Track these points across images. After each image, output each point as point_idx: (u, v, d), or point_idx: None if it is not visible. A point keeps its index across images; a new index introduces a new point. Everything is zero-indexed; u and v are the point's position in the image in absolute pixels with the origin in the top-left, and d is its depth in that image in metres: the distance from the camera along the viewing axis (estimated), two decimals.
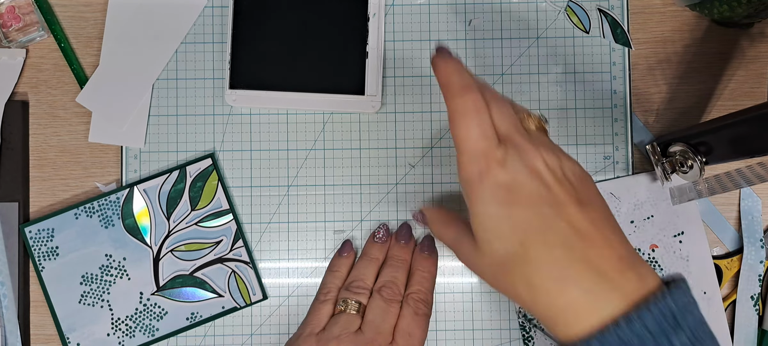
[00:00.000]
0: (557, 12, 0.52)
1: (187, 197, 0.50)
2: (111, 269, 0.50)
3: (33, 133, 0.51)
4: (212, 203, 0.50)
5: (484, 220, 0.37)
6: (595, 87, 0.52)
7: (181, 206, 0.50)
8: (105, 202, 0.50)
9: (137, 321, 0.50)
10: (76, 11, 0.52)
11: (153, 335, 0.50)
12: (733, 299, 0.51)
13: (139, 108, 0.51)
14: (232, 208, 0.50)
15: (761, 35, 0.52)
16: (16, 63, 0.51)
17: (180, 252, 0.50)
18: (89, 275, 0.50)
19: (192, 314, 0.50)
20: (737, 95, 0.52)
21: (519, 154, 0.37)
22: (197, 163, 0.50)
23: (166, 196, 0.50)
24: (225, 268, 0.50)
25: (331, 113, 0.51)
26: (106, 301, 0.50)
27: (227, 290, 0.50)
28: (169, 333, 0.50)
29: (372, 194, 0.51)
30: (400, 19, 0.52)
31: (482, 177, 0.36)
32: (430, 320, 0.47)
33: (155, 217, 0.50)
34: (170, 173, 0.50)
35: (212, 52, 0.52)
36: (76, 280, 0.50)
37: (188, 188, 0.50)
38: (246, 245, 0.50)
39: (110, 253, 0.50)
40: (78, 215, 0.50)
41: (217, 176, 0.50)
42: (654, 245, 0.51)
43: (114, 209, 0.50)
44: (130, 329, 0.50)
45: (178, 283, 0.50)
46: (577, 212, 0.36)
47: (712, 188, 0.47)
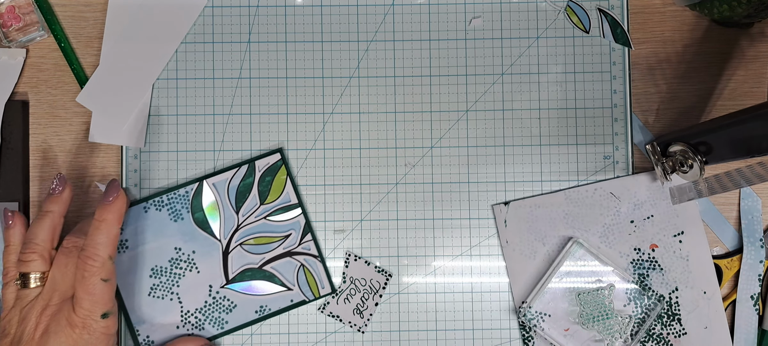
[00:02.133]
0: (557, 12, 0.52)
1: (256, 192, 0.50)
2: (180, 262, 0.50)
3: (33, 133, 0.51)
4: (281, 197, 0.50)
5: None
6: (595, 87, 0.52)
7: (250, 200, 0.50)
8: (174, 196, 0.50)
9: (206, 314, 0.50)
10: (76, 11, 0.52)
11: (222, 327, 0.50)
12: (733, 299, 0.51)
13: (139, 108, 0.51)
14: (300, 202, 0.50)
15: (761, 35, 0.52)
16: (16, 63, 0.51)
17: (249, 246, 0.50)
18: (159, 267, 0.50)
19: (261, 307, 0.50)
20: (737, 95, 0.52)
21: None
22: (266, 158, 0.50)
23: (235, 190, 0.50)
24: (294, 261, 0.50)
25: (332, 113, 0.51)
26: (176, 294, 0.50)
27: (296, 284, 0.50)
28: (238, 326, 0.50)
29: (372, 193, 0.51)
30: (400, 19, 0.52)
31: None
32: (110, 270, 0.44)
33: (224, 211, 0.50)
34: (239, 167, 0.50)
35: (212, 52, 0.52)
36: (146, 273, 0.50)
37: (257, 182, 0.50)
38: (314, 239, 0.50)
39: (179, 246, 0.50)
40: (147, 209, 0.50)
41: (286, 171, 0.50)
42: (654, 245, 0.51)
43: (183, 203, 0.50)
44: (200, 322, 0.50)
45: (248, 276, 0.50)
46: None
47: (712, 187, 0.47)
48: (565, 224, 0.51)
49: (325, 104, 0.51)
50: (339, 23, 0.52)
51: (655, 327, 0.50)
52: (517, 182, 0.51)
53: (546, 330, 0.50)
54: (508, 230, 0.51)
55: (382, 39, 0.52)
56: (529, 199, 0.51)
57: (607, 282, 0.50)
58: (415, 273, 0.51)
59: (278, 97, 0.51)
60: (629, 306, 0.50)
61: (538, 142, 0.51)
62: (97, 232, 0.44)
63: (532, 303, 0.50)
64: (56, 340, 0.42)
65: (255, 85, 0.51)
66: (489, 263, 0.51)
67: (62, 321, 0.43)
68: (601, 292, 0.50)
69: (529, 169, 0.51)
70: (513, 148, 0.51)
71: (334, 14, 0.52)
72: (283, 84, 0.51)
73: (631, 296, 0.50)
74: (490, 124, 0.51)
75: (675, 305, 0.50)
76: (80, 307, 0.43)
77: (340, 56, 0.52)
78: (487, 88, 0.51)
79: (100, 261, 0.43)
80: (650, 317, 0.50)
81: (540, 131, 0.51)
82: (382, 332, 0.51)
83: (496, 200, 0.51)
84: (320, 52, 0.52)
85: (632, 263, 0.51)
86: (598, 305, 0.50)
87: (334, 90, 0.51)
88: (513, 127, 0.51)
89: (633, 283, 0.50)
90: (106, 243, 0.44)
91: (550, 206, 0.51)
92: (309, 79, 0.51)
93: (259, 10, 0.52)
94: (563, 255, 0.50)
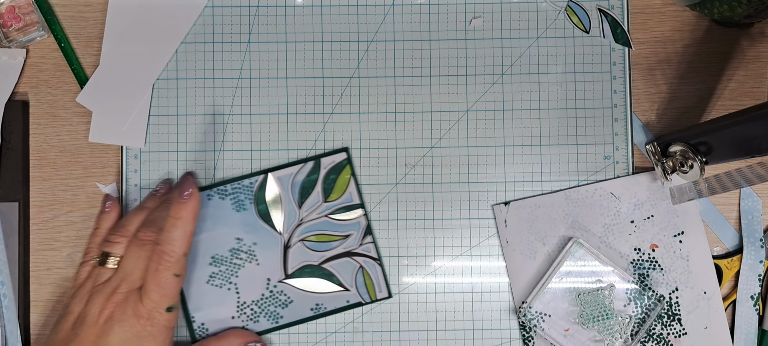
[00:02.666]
0: (557, 12, 0.52)
1: (319, 188, 0.50)
2: (241, 252, 0.50)
3: (33, 133, 0.51)
4: (343, 196, 0.50)
5: None
6: (595, 87, 0.52)
7: (313, 196, 0.50)
8: (239, 186, 0.50)
9: (263, 307, 0.50)
10: (76, 11, 0.52)
11: (277, 322, 0.50)
12: (733, 299, 0.51)
13: (139, 108, 0.51)
14: (362, 203, 0.50)
15: (761, 35, 0.52)
16: (16, 63, 0.51)
17: (310, 242, 0.50)
18: (219, 256, 0.50)
19: (316, 305, 0.50)
20: (737, 95, 0.52)
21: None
22: (332, 156, 0.50)
23: (299, 185, 0.50)
24: (353, 262, 0.50)
25: (332, 113, 0.51)
26: (234, 284, 0.50)
27: (354, 285, 0.50)
28: (293, 322, 0.50)
29: (372, 193, 0.51)
30: (401, 19, 0.52)
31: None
32: (183, 266, 0.45)
33: (287, 205, 0.50)
34: (305, 163, 0.50)
35: (212, 52, 0.52)
36: (206, 260, 0.50)
37: (321, 179, 0.50)
38: (374, 242, 0.50)
39: (241, 237, 0.50)
40: (211, 196, 0.50)
41: (350, 170, 0.50)
42: (654, 245, 0.51)
43: (247, 194, 0.50)
44: (255, 314, 0.50)
45: (306, 273, 0.50)
46: None
47: (712, 187, 0.47)
48: (565, 224, 0.51)
49: (325, 104, 0.51)
50: (339, 23, 0.52)
51: (655, 327, 0.50)
52: (517, 182, 0.51)
53: (546, 330, 0.50)
54: (508, 230, 0.51)
55: (382, 39, 0.52)
56: (529, 199, 0.51)
57: (607, 282, 0.50)
58: (415, 273, 0.51)
59: (278, 97, 0.51)
60: (629, 306, 0.50)
61: (538, 142, 0.51)
62: (174, 229, 0.44)
63: (532, 303, 0.50)
64: (120, 328, 0.43)
65: (255, 85, 0.51)
66: (489, 263, 0.51)
67: (128, 310, 0.43)
68: (601, 292, 0.50)
69: (529, 169, 0.51)
70: (513, 148, 0.51)
71: (334, 14, 0.52)
72: (283, 84, 0.51)
73: (631, 296, 0.50)
74: (490, 124, 0.51)
75: (675, 305, 0.50)
76: (148, 298, 0.43)
77: (340, 56, 0.52)
78: (487, 88, 0.51)
79: (176, 257, 0.44)
80: (650, 317, 0.50)
81: (540, 131, 0.51)
82: (382, 332, 0.51)
83: (496, 200, 0.51)
84: (320, 52, 0.52)
85: (632, 263, 0.51)
86: (598, 305, 0.50)
87: (334, 90, 0.51)
88: (513, 127, 0.51)
89: (633, 283, 0.50)
90: (182, 240, 0.44)
91: (550, 206, 0.51)
92: (309, 79, 0.51)
93: (259, 10, 0.52)
94: (563, 255, 0.50)
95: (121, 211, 0.49)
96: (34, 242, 0.51)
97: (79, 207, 0.51)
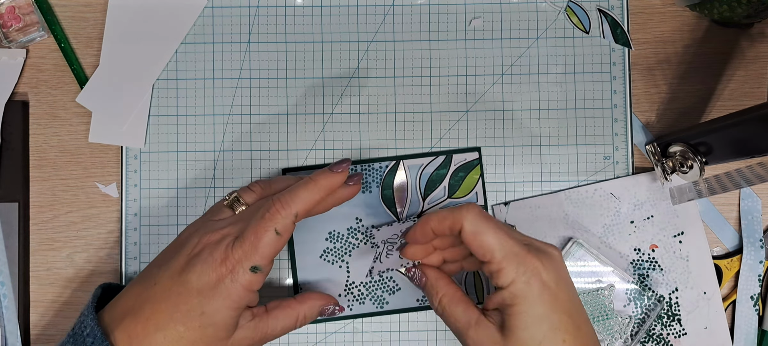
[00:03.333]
0: (557, 12, 0.52)
1: (446, 183, 0.50)
2: (358, 232, 0.50)
3: (33, 133, 0.51)
4: (469, 195, 0.50)
5: (529, 322, 0.39)
6: (595, 87, 0.52)
7: (439, 190, 0.50)
8: (368, 168, 0.50)
9: (370, 289, 0.50)
10: (76, 11, 0.52)
11: (381, 306, 0.50)
12: (733, 299, 0.51)
13: (139, 108, 0.51)
14: (486, 205, 0.50)
15: (761, 35, 0.52)
16: (16, 63, 0.51)
17: None
18: (336, 233, 0.50)
19: (423, 297, 0.50)
20: (737, 95, 0.52)
21: (547, 254, 0.40)
22: (464, 154, 0.51)
23: (427, 177, 0.50)
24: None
25: (332, 113, 0.51)
26: (346, 262, 0.50)
27: (463, 283, 0.50)
28: (397, 309, 0.50)
29: None
30: (401, 19, 0.52)
31: (529, 279, 0.39)
32: (288, 228, 0.41)
33: (412, 194, 0.50)
34: (436, 156, 0.51)
35: (212, 52, 0.52)
36: (323, 235, 0.50)
37: (450, 174, 0.50)
38: None
39: (361, 217, 0.50)
40: None
41: (480, 171, 0.50)
42: (654, 245, 0.51)
43: (375, 177, 0.50)
44: (362, 296, 0.50)
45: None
46: (586, 316, 0.41)
47: (712, 188, 0.47)
48: (565, 224, 0.51)
49: (325, 104, 0.51)
50: (339, 23, 0.52)
51: (655, 327, 0.50)
52: (517, 182, 0.51)
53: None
54: None
55: (382, 39, 0.52)
56: (529, 199, 0.51)
57: (607, 282, 0.50)
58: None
59: (278, 98, 0.51)
60: (629, 306, 0.50)
61: (538, 142, 0.51)
62: (304, 187, 0.42)
63: None
64: (202, 268, 0.40)
65: (255, 85, 0.51)
66: None
67: (217, 253, 0.40)
68: (601, 292, 0.50)
69: (529, 170, 0.51)
70: (513, 148, 0.51)
71: (334, 14, 0.52)
72: (283, 84, 0.51)
73: (631, 297, 0.50)
74: (490, 124, 0.51)
75: (675, 306, 0.50)
76: (240, 245, 0.40)
77: (340, 56, 0.52)
78: (487, 88, 0.51)
79: (287, 211, 0.40)
80: (650, 318, 0.50)
81: (540, 131, 0.51)
82: (382, 332, 0.51)
83: (496, 200, 0.51)
84: (320, 52, 0.52)
85: (632, 263, 0.51)
86: (598, 305, 0.50)
87: (334, 90, 0.51)
88: (513, 128, 0.51)
89: (633, 283, 0.50)
90: (304, 201, 0.41)
91: (550, 206, 0.51)
92: (309, 79, 0.51)
93: (259, 10, 0.52)
94: (563, 255, 0.50)
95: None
96: (34, 242, 0.51)
97: (79, 207, 0.51)
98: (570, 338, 0.39)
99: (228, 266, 0.40)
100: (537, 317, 0.38)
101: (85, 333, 0.40)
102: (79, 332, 0.40)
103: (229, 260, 0.40)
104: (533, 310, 0.38)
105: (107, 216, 0.51)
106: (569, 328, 0.39)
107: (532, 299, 0.39)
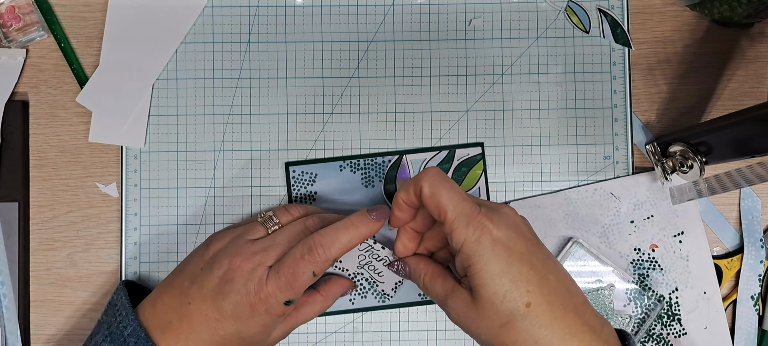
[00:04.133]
0: (557, 12, 0.52)
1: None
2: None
3: (33, 133, 0.51)
4: (472, 190, 0.50)
5: (488, 280, 0.38)
6: (595, 87, 0.52)
7: None
8: (372, 162, 0.50)
9: (373, 284, 0.50)
10: (76, 11, 0.52)
11: (383, 301, 0.50)
12: (733, 299, 0.51)
13: (139, 108, 0.51)
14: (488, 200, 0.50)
15: (761, 35, 0.52)
16: (16, 63, 0.51)
17: None
18: None
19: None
20: (737, 95, 0.52)
21: (499, 212, 0.40)
22: (467, 149, 0.51)
23: None
24: None
25: (332, 113, 0.51)
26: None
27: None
28: (398, 304, 0.50)
29: None
30: (401, 19, 0.52)
31: (479, 237, 0.38)
32: (325, 269, 0.42)
33: None
34: (439, 151, 0.51)
35: (212, 52, 0.52)
36: None
37: (453, 170, 0.50)
38: None
39: None
40: (343, 168, 0.50)
41: (483, 166, 0.50)
42: (654, 245, 0.51)
43: (378, 171, 0.50)
44: (364, 290, 0.50)
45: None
46: (556, 266, 0.40)
47: (712, 187, 0.47)
48: (565, 224, 0.51)
49: (325, 104, 0.51)
50: (339, 23, 0.52)
51: (655, 327, 0.50)
52: (517, 182, 0.51)
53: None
54: None
55: (382, 39, 0.52)
56: (529, 199, 0.51)
57: (607, 282, 0.50)
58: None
59: (278, 97, 0.51)
60: (629, 306, 0.50)
61: (538, 142, 0.51)
62: (345, 231, 0.43)
63: None
64: (237, 297, 0.41)
65: (255, 85, 0.51)
66: None
67: (251, 284, 0.41)
68: (601, 292, 0.50)
69: (529, 169, 0.51)
70: (513, 147, 0.51)
71: (334, 14, 0.52)
72: (283, 84, 0.51)
73: (631, 296, 0.50)
74: (490, 124, 0.51)
75: (675, 305, 0.50)
76: (276, 280, 0.41)
77: (340, 56, 0.52)
78: (487, 88, 0.52)
79: (326, 257, 0.42)
80: (650, 318, 0.50)
81: (540, 131, 0.51)
82: (382, 332, 0.51)
83: (496, 199, 0.51)
84: (320, 52, 0.52)
85: (632, 263, 0.51)
86: (598, 305, 0.50)
87: (334, 90, 0.51)
88: (513, 127, 0.51)
89: (633, 283, 0.50)
90: (342, 247, 0.42)
91: (550, 206, 0.51)
92: (309, 79, 0.51)
93: (259, 10, 0.52)
94: (563, 255, 0.50)
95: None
96: (34, 242, 0.51)
97: (79, 207, 0.51)
98: (535, 288, 0.38)
99: (262, 298, 0.41)
100: (495, 273, 0.38)
101: (126, 333, 0.41)
102: (117, 331, 0.41)
103: (263, 292, 0.41)
104: (489, 267, 0.38)
105: (107, 216, 0.51)
106: (532, 278, 0.38)
107: (485, 256, 0.38)
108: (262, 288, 0.41)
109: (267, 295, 0.41)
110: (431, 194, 0.40)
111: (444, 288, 0.42)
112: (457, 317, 0.41)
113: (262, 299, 0.41)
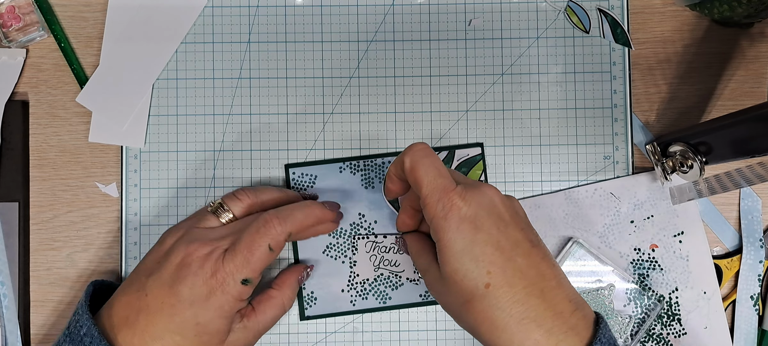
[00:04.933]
0: (557, 12, 0.52)
1: None
2: (361, 228, 0.50)
3: (33, 133, 0.51)
4: None
5: (451, 256, 0.38)
6: (595, 87, 0.52)
7: None
8: (371, 163, 0.50)
9: (374, 286, 0.50)
10: (76, 11, 0.52)
11: (384, 302, 0.50)
12: (733, 299, 0.51)
13: (139, 108, 0.51)
14: None
15: (761, 35, 0.52)
16: (16, 63, 0.51)
17: None
18: (340, 229, 0.50)
19: (426, 292, 0.50)
20: (737, 95, 0.52)
21: (476, 191, 0.39)
22: (467, 149, 0.51)
23: None
24: None
25: (332, 113, 0.51)
26: (349, 258, 0.50)
27: None
28: (400, 305, 0.50)
29: None
30: (401, 19, 0.52)
31: (447, 212, 0.38)
32: (281, 245, 0.43)
33: None
34: (439, 151, 0.51)
35: (212, 52, 0.52)
36: None
37: (452, 169, 0.50)
38: None
39: (364, 213, 0.50)
40: (343, 169, 0.50)
41: (483, 167, 0.50)
42: (654, 245, 0.51)
43: (378, 172, 0.50)
44: (365, 292, 0.50)
45: None
46: (531, 249, 0.39)
47: (712, 187, 0.47)
48: (565, 224, 0.51)
49: (325, 104, 0.51)
50: (339, 23, 0.52)
51: (655, 327, 0.50)
52: (517, 182, 0.51)
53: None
54: None
55: (382, 39, 0.52)
56: (529, 199, 0.51)
57: (607, 282, 0.50)
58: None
59: (278, 97, 0.51)
60: (629, 306, 0.50)
61: (538, 142, 0.51)
62: (300, 209, 0.44)
63: None
64: (193, 281, 0.41)
65: (255, 85, 0.51)
66: None
67: (207, 265, 0.41)
68: (601, 292, 0.50)
69: (529, 169, 0.51)
70: (513, 147, 0.51)
71: (334, 14, 0.52)
72: (283, 84, 0.51)
73: (631, 296, 0.50)
74: (490, 124, 0.51)
75: (675, 305, 0.50)
76: (232, 258, 0.41)
77: (340, 56, 0.52)
78: (487, 88, 0.52)
79: (281, 229, 0.42)
80: (650, 317, 0.50)
81: (540, 131, 0.51)
82: (382, 332, 0.51)
83: None
84: (320, 52, 0.52)
85: (632, 263, 0.51)
86: (598, 305, 0.50)
87: (334, 90, 0.51)
88: (513, 127, 0.51)
89: (633, 283, 0.50)
90: (299, 222, 0.43)
91: (550, 206, 0.51)
92: (309, 79, 0.51)
93: (259, 10, 0.52)
94: (563, 255, 0.50)
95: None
96: (34, 242, 0.51)
97: (79, 207, 0.51)
98: (497, 269, 0.37)
99: (218, 279, 0.41)
100: (458, 251, 0.38)
101: (81, 333, 0.40)
102: (75, 331, 0.41)
103: (220, 273, 0.41)
104: (454, 245, 0.38)
105: (107, 216, 0.51)
106: (496, 259, 0.37)
107: (451, 233, 0.38)
108: (218, 269, 0.41)
109: (224, 275, 0.41)
110: (411, 168, 0.40)
111: (425, 264, 0.43)
112: (431, 291, 0.42)
113: (219, 281, 0.41)
